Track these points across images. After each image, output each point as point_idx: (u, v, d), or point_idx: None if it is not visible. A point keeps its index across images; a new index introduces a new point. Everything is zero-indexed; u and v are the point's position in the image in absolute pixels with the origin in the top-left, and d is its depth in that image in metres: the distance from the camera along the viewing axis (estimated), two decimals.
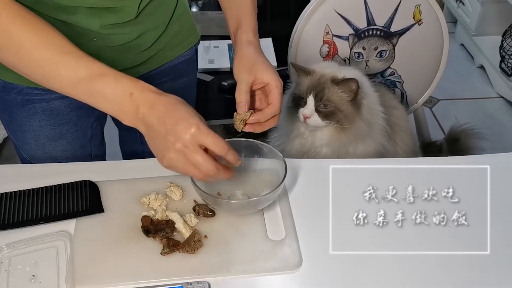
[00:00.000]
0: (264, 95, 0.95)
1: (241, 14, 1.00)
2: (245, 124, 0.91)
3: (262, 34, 1.98)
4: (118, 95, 0.80)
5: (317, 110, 1.20)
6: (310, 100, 1.20)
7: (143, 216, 0.90)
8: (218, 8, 2.23)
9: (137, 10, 0.99)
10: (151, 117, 0.80)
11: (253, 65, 0.93)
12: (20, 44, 0.79)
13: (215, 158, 0.82)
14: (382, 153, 1.27)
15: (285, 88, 1.33)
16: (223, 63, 1.90)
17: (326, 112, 1.20)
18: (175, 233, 0.88)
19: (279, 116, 0.94)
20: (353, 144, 1.25)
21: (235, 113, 0.92)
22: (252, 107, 0.94)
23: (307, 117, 1.20)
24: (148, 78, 1.09)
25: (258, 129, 0.93)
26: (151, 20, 1.05)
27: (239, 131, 0.93)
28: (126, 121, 0.82)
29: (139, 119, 0.81)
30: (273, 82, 0.92)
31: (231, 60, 1.90)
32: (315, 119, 1.20)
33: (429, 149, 1.63)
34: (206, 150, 0.80)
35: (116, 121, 1.28)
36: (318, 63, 1.32)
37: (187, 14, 1.19)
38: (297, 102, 1.24)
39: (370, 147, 1.26)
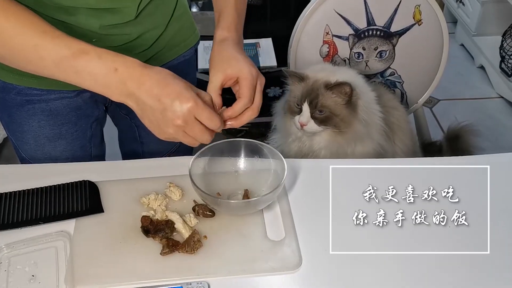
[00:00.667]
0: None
1: (222, 9, 1.00)
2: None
3: (262, 34, 2.00)
4: (102, 72, 0.79)
5: (313, 116, 1.20)
6: (305, 108, 1.20)
7: (143, 216, 0.90)
8: None
9: (137, 10, 0.99)
10: (141, 93, 0.79)
11: (221, 62, 0.93)
12: (1, 32, 0.79)
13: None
14: (380, 153, 1.27)
15: (284, 87, 1.33)
16: None
17: (322, 118, 1.20)
18: (174, 233, 0.88)
19: (257, 107, 0.92)
20: (352, 145, 1.25)
21: None
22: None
23: (303, 125, 1.21)
24: None
25: (236, 124, 0.92)
26: (150, 21, 1.05)
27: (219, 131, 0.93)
28: (114, 97, 0.82)
29: (128, 95, 0.80)
30: (242, 74, 0.91)
31: None
32: (312, 126, 1.21)
33: (429, 149, 1.63)
34: None
35: (116, 121, 1.28)
36: (312, 66, 1.33)
37: (187, 14, 1.19)
38: (293, 109, 1.25)
39: (369, 147, 1.26)
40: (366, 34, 1.51)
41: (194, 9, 2.24)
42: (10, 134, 1.16)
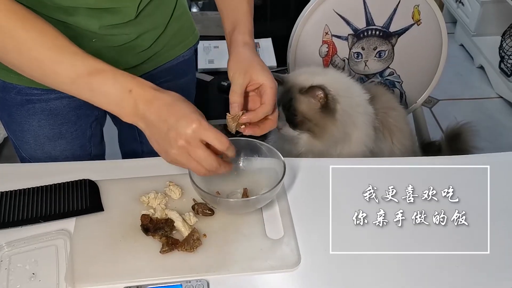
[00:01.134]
0: (258, 96, 0.94)
1: (238, 16, 1.00)
2: (237, 125, 0.91)
3: (262, 34, 2.01)
4: (117, 92, 0.80)
5: (288, 120, 1.20)
6: (281, 112, 1.19)
7: (142, 214, 0.90)
8: None
9: (136, 10, 1.00)
10: (150, 113, 0.80)
11: (248, 66, 0.93)
12: (19, 43, 0.79)
13: (216, 153, 0.83)
14: (370, 154, 1.27)
15: None
16: (223, 63, 1.88)
17: (296, 122, 1.20)
18: (174, 232, 0.88)
19: (276, 118, 0.94)
20: (333, 148, 1.24)
21: (227, 114, 0.92)
22: (246, 109, 0.94)
23: (279, 128, 1.20)
24: (147, 78, 1.07)
25: (258, 132, 0.93)
26: (150, 21, 1.05)
27: (233, 132, 0.93)
28: (126, 118, 0.83)
29: (139, 116, 0.81)
30: (268, 83, 0.91)
31: None
32: (287, 130, 1.21)
33: (428, 149, 1.63)
34: (207, 145, 0.81)
35: (116, 121, 1.29)
36: (297, 69, 1.32)
37: (186, 15, 1.19)
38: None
39: (356, 149, 1.24)
40: (365, 34, 1.51)
41: (194, 9, 2.24)
42: (10, 134, 1.16)
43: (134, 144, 1.28)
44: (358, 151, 1.24)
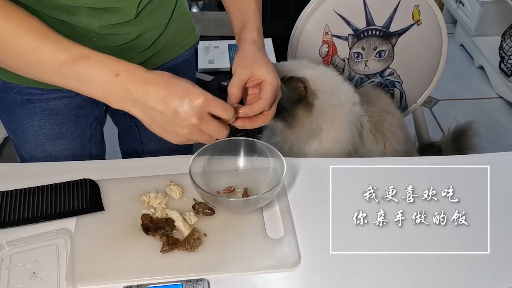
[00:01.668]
0: (259, 92, 0.93)
1: (247, 16, 1.00)
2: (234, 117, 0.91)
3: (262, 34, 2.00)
4: (104, 77, 0.78)
5: None
6: None
7: (143, 214, 0.90)
8: (219, 8, 2.24)
9: (136, 10, 1.00)
10: (150, 99, 0.78)
11: (252, 62, 0.93)
12: (0, 36, 0.78)
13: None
14: (350, 153, 1.26)
15: None
16: (223, 63, 1.90)
17: None
18: (174, 231, 0.88)
19: (271, 115, 0.93)
20: (306, 142, 1.24)
21: None
22: (244, 103, 0.94)
23: None
24: None
25: (249, 125, 0.91)
26: (150, 20, 1.05)
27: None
28: (116, 104, 0.80)
29: (131, 101, 0.79)
30: (269, 79, 0.91)
31: (231, 60, 1.90)
32: None
33: (428, 150, 1.63)
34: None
35: (116, 121, 1.29)
36: (290, 61, 1.31)
37: (186, 15, 1.19)
38: None
39: (331, 147, 1.24)
40: (366, 34, 1.51)
41: (195, 9, 2.25)
42: (11, 134, 1.16)
43: (134, 143, 1.28)
44: (334, 151, 1.24)
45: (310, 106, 1.19)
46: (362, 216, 0.93)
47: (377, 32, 1.51)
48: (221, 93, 1.79)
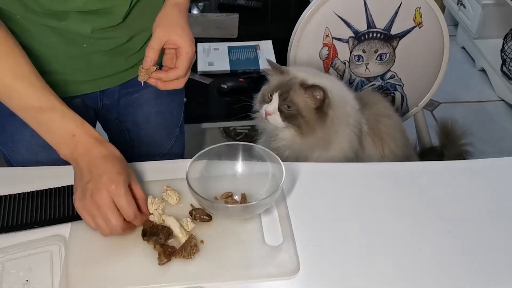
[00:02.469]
0: (175, 56, 0.96)
1: None
2: (149, 78, 0.95)
3: (262, 36, 1.99)
4: (62, 133, 0.85)
5: (280, 109, 1.19)
6: (275, 98, 1.19)
7: (146, 219, 0.89)
8: (219, 10, 2.23)
9: (128, 8, 1.00)
10: (82, 161, 0.84)
11: (170, 26, 0.95)
12: None
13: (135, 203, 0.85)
14: (352, 160, 1.25)
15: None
16: (223, 66, 1.89)
17: (288, 114, 1.18)
18: (171, 240, 0.87)
19: (185, 80, 0.97)
20: (311, 151, 1.23)
21: (140, 66, 0.94)
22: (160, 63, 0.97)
23: (268, 114, 1.19)
24: (138, 82, 1.09)
25: (161, 87, 0.96)
26: (138, 24, 1.05)
27: (141, 81, 0.96)
28: (62, 155, 0.87)
29: (73, 158, 0.85)
30: (184, 47, 0.94)
31: (231, 62, 1.90)
32: (276, 118, 1.19)
33: (429, 154, 1.61)
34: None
35: (106, 127, 1.27)
36: (299, 66, 1.31)
37: None
38: (265, 98, 1.23)
39: (335, 156, 1.24)
40: (366, 36, 1.50)
41: (195, 11, 2.24)
42: (0, 145, 1.14)
43: (125, 148, 1.26)
44: (337, 159, 1.23)
45: (324, 116, 1.19)
46: (361, 221, 0.92)
47: (378, 35, 1.50)
48: (220, 95, 1.78)
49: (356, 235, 0.91)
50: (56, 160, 1.12)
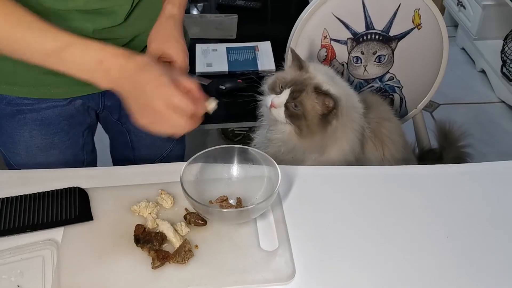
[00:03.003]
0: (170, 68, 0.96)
1: None
2: None
3: (261, 37, 1.98)
4: (89, 64, 0.82)
5: (286, 105, 1.16)
6: (285, 93, 1.16)
7: (137, 224, 0.88)
8: (218, 11, 2.22)
9: (130, 8, 0.99)
10: (121, 83, 0.83)
11: (165, 40, 0.97)
12: None
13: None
14: (352, 163, 1.24)
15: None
16: (221, 67, 1.88)
17: (292, 112, 1.16)
18: (165, 245, 0.86)
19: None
20: (310, 153, 1.22)
21: None
22: None
23: (273, 106, 1.17)
24: None
25: None
26: (140, 24, 1.05)
27: None
28: (102, 86, 0.85)
29: (114, 83, 0.84)
30: (178, 61, 0.95)
31: (229, 63, 1.89)
32: (279, 113, 1.17)
33: (428, 156, 1.61)
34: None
35: (107, 128, 1.27)
36: (319, 65, 1.29)
37: None
38: (275, 87, 1.20)
39: (334, 159, 1.23)
40: (365, 38, 1.49)
41: (194, 12, 2.23)
42: (0, 146, 1.14)
43: (126, 150, 1.27)
44: (336, 161, 1.22)
45: (327, 125, 1.17)
46: (359, 225, 0.91)
47: (377, 36, 1.49)
48: (219, 96, 1.77)
49: (353, 240, 0.90)
50: (56, 161, 1.13)
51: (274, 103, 1.16)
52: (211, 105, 0.88)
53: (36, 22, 0.81)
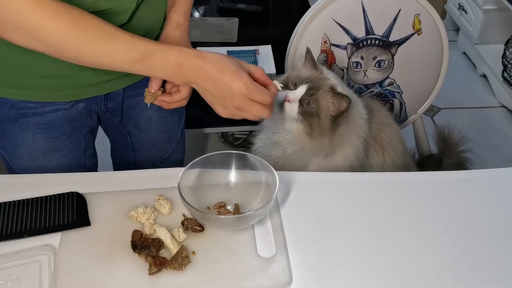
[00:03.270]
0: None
1: None
2: (154, 100, 1.00)
3: (262, 40, 1.98)
4: (170, 69, 0.89)
5: (300, 101, 1.15)
6: (302, 89, 1.15)
7: (134, 230, 0.88)
8: (219, 14, 2.22)
9: (134, 7, 0.99)
10: (202, 83, 0.90)
11: None
12: (76, 44, 0.85)
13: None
14: (355, 169, 1.24)
15: None
16: None
17: (306, 110, 1.15)
18: (162, 251, 0.86)
19: (187, 100, 1.03)
20: (318, 155, 1.22)
21: (146, 89, 0.99)
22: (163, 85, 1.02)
23: (288, 100, 1.15)
24: (142, 84, 1.10)
25: (166, 107, 1.02)
26: (142, 25, 1.04)
27: (147, 104, 1.01)
28: (179, 83, 0.96)
29: (192, 83, 0.92)
30: None
31: None
32: (293, 108, 1.15)
33: (428, 162, 1.60)
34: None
35: (108, 131, 1.27)
36: (326, 69, 1.29)
37: None
38: (288, 83, 1.19)
39: (337, 164, 1.23)
40: (365, 43, 1.49)
41: (196, 15, 2.23)
42: (2, 150, 1.14)
43: (127, 152, 1.26)
44: (341, 167, 1.22)
45: (336, 127, 1.17)
46: (357, 231, 0.91)
47: (377, 41, 1.49)
48: None
49: (351, 246, 0.90)
50: (58, 165, 1.12)
51: (289, 97, 1.15)
52: (278, 87, 0.96)
53: (119, 34, 0.86)
